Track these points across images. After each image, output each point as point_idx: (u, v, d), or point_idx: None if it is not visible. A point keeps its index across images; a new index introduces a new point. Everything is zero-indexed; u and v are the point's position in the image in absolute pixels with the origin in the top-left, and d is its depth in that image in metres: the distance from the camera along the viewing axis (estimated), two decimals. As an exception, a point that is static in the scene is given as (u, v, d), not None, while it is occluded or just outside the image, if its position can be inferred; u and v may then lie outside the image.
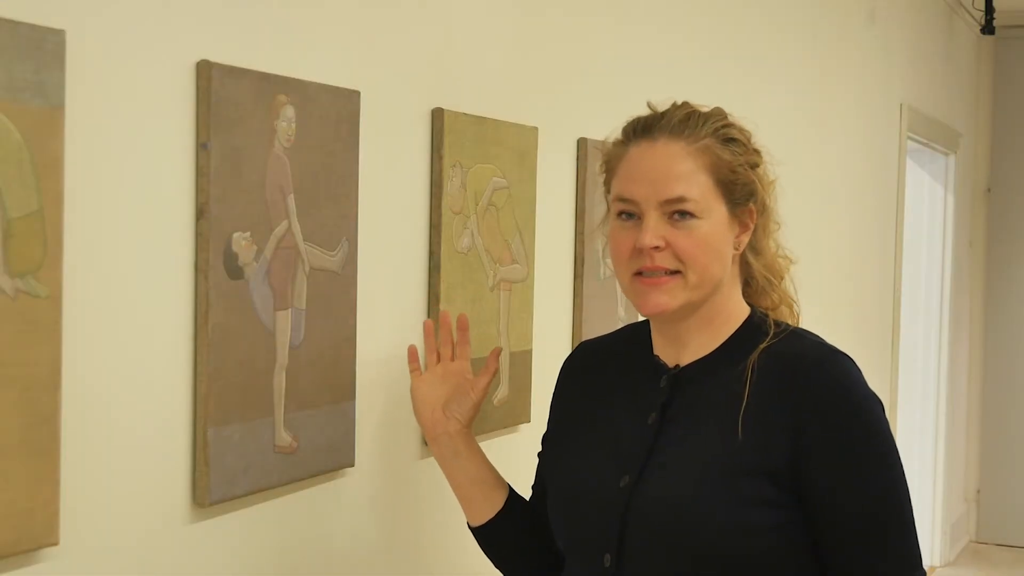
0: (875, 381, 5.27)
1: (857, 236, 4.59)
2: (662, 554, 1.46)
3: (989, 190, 6.56)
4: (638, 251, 1.49)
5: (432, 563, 2.03)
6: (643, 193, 1.49)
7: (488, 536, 1.71)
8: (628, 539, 1.48)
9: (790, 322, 1.60)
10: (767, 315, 1.57)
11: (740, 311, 1.57)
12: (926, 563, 5.96)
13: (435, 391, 1.75)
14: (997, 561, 6.28)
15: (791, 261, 1.63)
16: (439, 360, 1.78)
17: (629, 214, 1.51)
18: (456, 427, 1.72)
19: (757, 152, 1.56)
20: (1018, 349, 6.49)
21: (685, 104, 1.55)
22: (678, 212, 1.48)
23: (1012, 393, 6.50)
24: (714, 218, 1.50)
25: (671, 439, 1.51)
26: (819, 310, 4.02)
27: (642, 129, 1.53)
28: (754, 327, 1.55)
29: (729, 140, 1.52)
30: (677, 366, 1.56)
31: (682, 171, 1.49)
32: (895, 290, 5.13)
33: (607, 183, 1.58)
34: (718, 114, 1.54)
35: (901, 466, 1.50)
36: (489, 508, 1.70)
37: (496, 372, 1.75)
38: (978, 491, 6.60)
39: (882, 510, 1.48)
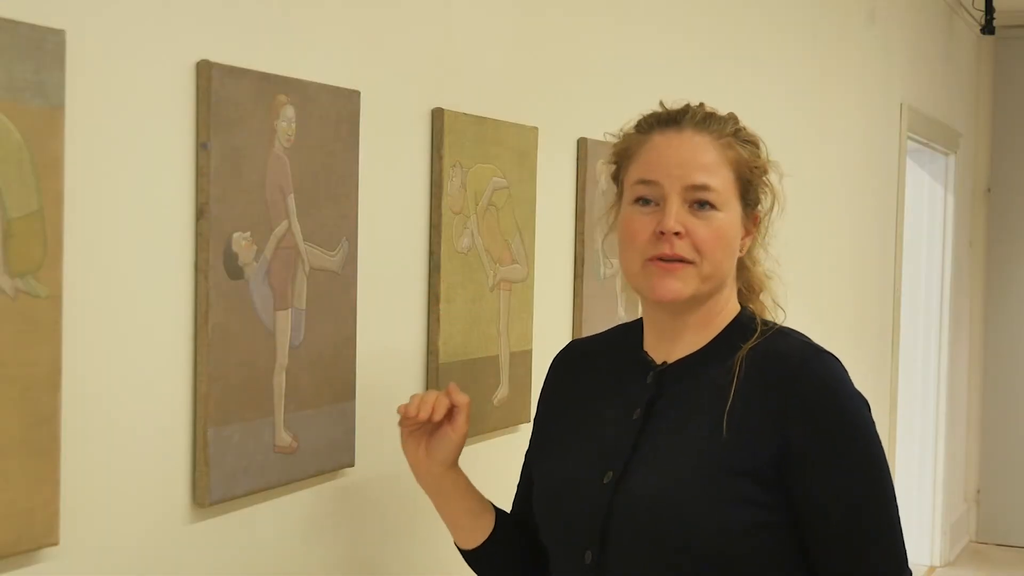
0: (875, 381, 5.25)
1: (857, 236, 4.59)
2: (644, 552, 1.46)
3: (989, 190, 6.56)
4: (657, 236, 1.49)
5: (432, 563, 2.03)
6: (667, 176, 1.49)
7: (478, 559, 1.70)
8: (610, 536, 1.48)
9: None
10: (755, 314, 1.58)
11: (732, 310, 1.58)
12: (926, 563, 5.96)
13: (418, 432, 1.65)
14: (997, 561, 6.28)
15: (769, 278, 1.64)
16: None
17: (646, 200, 1.51)
18: (439, 470, 1.65)
19: (767, 161, 1.59)
20: (1018, 349, 6.49)
21: (703, 105, 1.57)
22: (699, 201, 1.49)
23: (1012, 393, 6.50)
24: (731, 214, 1.52)
25: (656, 436, 1.51)
26: (819, 310, 4.03)
27: (666, 121, 1.55)
28: (742, 325, 1.56)
29: (747, 142, 1.55)
30: (664, 363, 1.56)
31: (708, 161, 1.50)
32: (895, 290, 5.13)
33: (620, 172, 1.58)
34: (734, 118, 1.57)
35: (887, 465, 1.51)
36: (479, 535, 1.68)
37: (468, 405, 1.64)
38: (978, 491, 6.60)
39: (868, 509, 1.48)
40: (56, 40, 1.29)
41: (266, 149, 1.60)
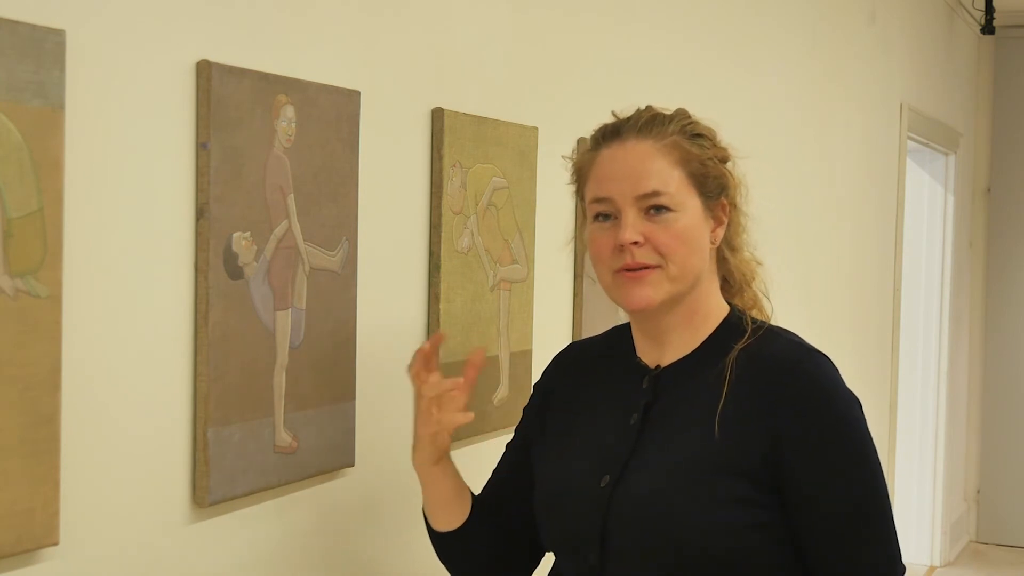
0: (875, 381, 5.24)
1: (857, 236, 4.59)
2: (643, 553, 1.47)
3: (989, 190, 6.56)
4: (618, 249, 1.50)
5: (432, 563, 2.03)
6: (618, 190, 1.51)
7: (445, 544, 1.70)
8: (610, 539, 1.49)
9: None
10: (744, 313, 1.58)
11: (719, 309, 1.58)
12: (926, 563, 5.96)
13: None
14: (997, 561, 6.28)
15: (759, 263, 1.64)
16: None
17: (605, 215, 1.53)
18: (432, 460, 1.64)
19: (724, 148, 1.58)
20: (1018, 349, 6.49)
21: (649, 107, 1.58)
22: (654, 207, 1.50)
23: (1012, 393, 6.50)
24: (689, 211, 1.52)
25: (653, 440, 1.52)
26: (819, 309, 4.03)
27: (610, 133, 1.56)
28: (732, 326, 1.56)
29: (696, 135, 1.55)
30: (658, 367, 1.57)
31: (654, 166, 1.51)
32: (895, 290, 5.13)
33: (579, 190, 1.60)
34: (682, 113, 1.57)
35: (879, 464, 1.52)
36: (454, 522, 1.68)
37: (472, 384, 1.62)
38: (978, 491, 6.60)
39: (861, 508, 1.49)
40: (56, 40, 1.29)
41: (266, 149, 1.60)
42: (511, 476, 1.70)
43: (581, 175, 1.59)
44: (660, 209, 1.50)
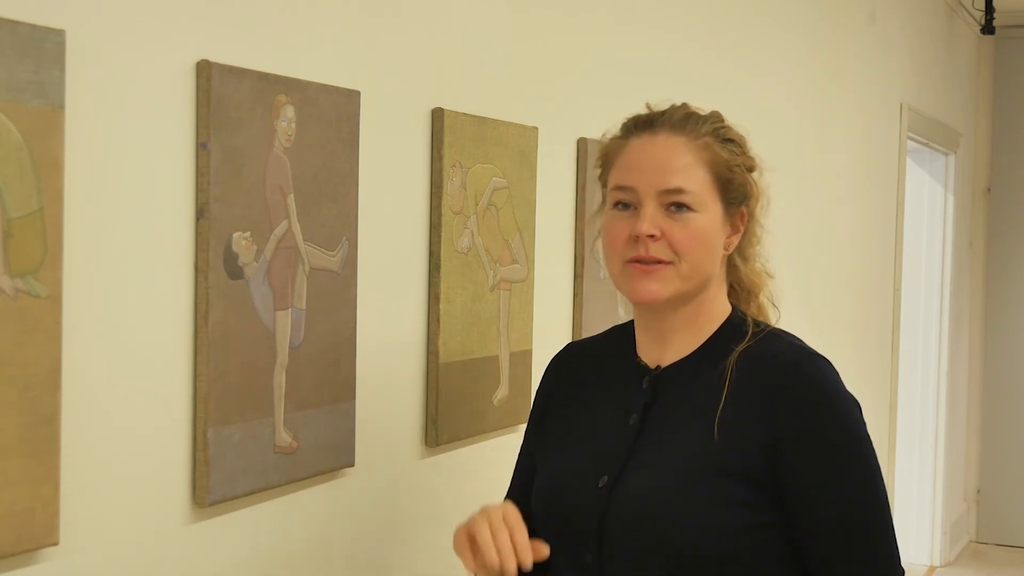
0: (875, 381, 5.24)
1: (857, 236, 4.59)
2: (640, 553, 1.47)
3: (989, 190, 6.56)
4: (633, 239, 1.50)
5: (432, 563, 2.03)
6: (643, 182, 1.51)
7: None
8: (607, 538, 1.49)
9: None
10: (747, 315, 1.59)
11: (723, 311, 1.58)
12: (926, 563, 5.96)
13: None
14: (997, 561, 6.28)
15: (769, 276, 1.64)
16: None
17: (626, 204, 1.53)
18: None
19: (752, 157, 1.59)
20: (1018, 349, 6.48)
21: (684, 105, 1.58)
22: (675, 204, 1.50)
23: (1012, 393, 6.50)
24: (709, 214, 1.52)
25: (652, 440, 1.52)
26: (819, 310, 4.03)
27: (643, 124, 1.56)
28: (734, 327, 1.56)
29: (728, 140, 1.55)
30: (658, 367, 1.57)
31: (682, 164, 1.51)
32: (895, 290, 5.13)
33: (603, 176, 1.60)
34: (716, 116, 1.57)
35: (878, 466, 1.52)
36: None
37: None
38: (978, 491, 6.60)
39: (860, 511, 1.48)
40: (56, 40, 1.29)
41: (266, 149, 1.60)
42: (521, 492, 1.67)
43: (607, 161, 1.59)
44: (681, 207, 1.50)
